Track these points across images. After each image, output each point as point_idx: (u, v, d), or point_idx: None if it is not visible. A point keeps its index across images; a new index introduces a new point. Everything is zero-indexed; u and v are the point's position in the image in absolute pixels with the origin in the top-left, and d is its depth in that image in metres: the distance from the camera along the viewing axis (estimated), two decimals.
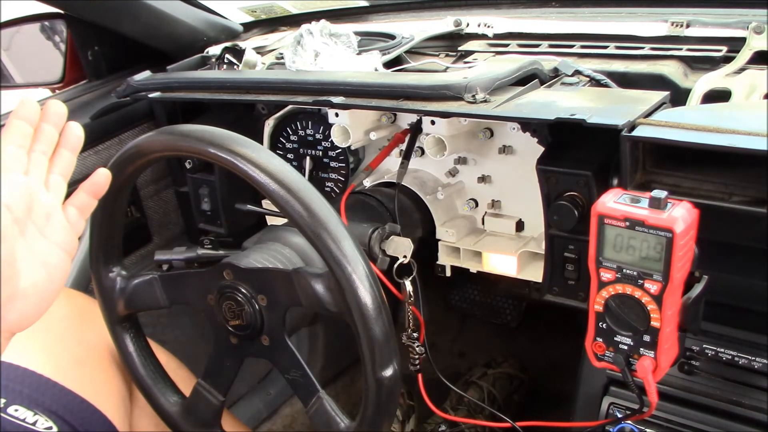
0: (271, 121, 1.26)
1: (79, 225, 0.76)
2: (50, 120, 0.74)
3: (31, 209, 0.70)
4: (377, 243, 1.00)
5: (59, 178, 0.74)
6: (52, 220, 0.72)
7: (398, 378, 0.77)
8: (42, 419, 0.88)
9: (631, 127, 0.78)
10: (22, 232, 0.69)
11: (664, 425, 0.89)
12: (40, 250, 0.70)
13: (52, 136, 0.74)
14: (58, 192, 0.74)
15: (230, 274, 0.86)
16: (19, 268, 0.67)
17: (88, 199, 0.77)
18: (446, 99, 0.90)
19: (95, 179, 0.77)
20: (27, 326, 0.70)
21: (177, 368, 1.10)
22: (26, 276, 0.68)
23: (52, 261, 0.71)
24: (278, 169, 0.76)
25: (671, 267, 0.68)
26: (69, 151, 0.76)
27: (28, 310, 0.69)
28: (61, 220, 0.73)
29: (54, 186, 0.73)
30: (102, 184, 0.77)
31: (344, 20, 1.39)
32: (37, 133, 0.73)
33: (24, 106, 0.72)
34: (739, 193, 0.76)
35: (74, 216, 0.75)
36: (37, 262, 0.70)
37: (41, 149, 0.73)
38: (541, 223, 0.92)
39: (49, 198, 0.72)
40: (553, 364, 1.70)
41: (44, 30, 1.45)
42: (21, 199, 0.68)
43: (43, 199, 0.71)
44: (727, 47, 1.00)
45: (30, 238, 0.70)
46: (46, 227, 0.71)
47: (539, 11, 1.24)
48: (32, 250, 0.70)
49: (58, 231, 0.72)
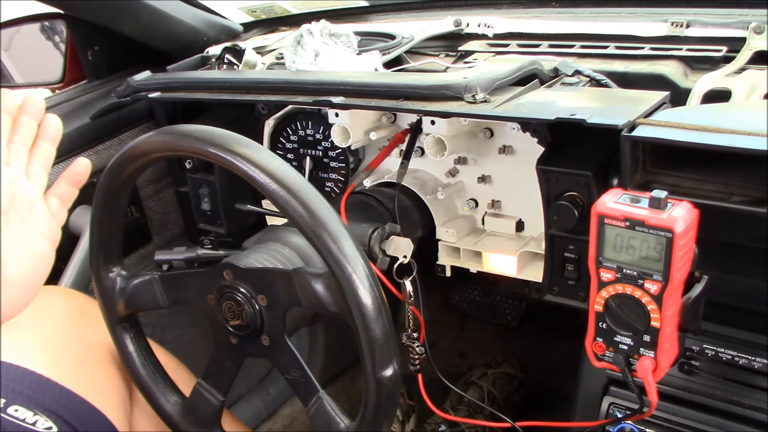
0: (271, 121, 1.26)
1: (60, 214, 0.76)
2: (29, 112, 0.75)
3: (14, 199, 0.71)
4: (377, 243, 1.00)
5: (40, 169, 0.75)
6: (35, 210, 0.73)
7: (398, 378, 0.77)
8: (42, 419, 0.88)
9: (631, 127, 0.78)
10: (6, 221, 0.70)
11: (664, 425, 0.89)
12: (24, 240, 0.71)
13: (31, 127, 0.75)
14: (39, 182, 0.75)
15: (230, 274, 0.86)
16: (4, 257, 0.68)
17: (68, 189, 0.77)
18: (446, 99, 0.90)
19: (75, 169, 0.78)
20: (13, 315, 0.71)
21: (177, 368, 1.10)
22: (11, 265, 0.69)
23: (37, 250, 0.72)
24: (278, 169, 0.76)
25: (671, 267, 0.68)
26: (48, 143, 0.76)
27: (14, 299, 0.70)
28: (43, 210, 0.74)
29: (35, 176, 0.74)
30: (82, 174, 0.78)
31: (344, 20, 1.39)
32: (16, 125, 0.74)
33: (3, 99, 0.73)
34: (739, 193, 0.75)
35: (56, 206, 0.76)
36: (22, 251, 0.71)
37: (21, 140, 0.74)
38: (541, 223, 0.92)
39: (31, 188, 0.73)
40: (553, 364, 1.70)
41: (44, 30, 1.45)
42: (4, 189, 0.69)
43: (24, 189, 0.72)
44: (727, 47, 1.00)
45: (13, 227, 0.70)
46: (29, 217, 0.72)
47: (539, 11, 1.24)
48: (16, 239, 0.70)
49: (40, 220, 0.73)
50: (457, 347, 1.87)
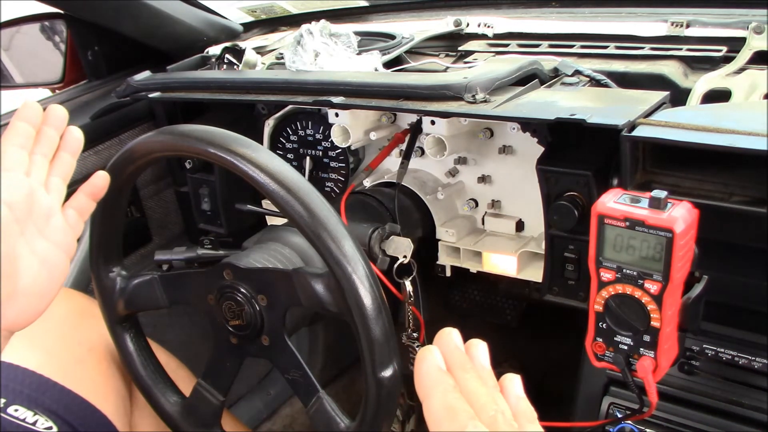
0: (271, 121, 1.26)
1: (78, 227, 0.76)
2: (52, 123, 0.75)
3: (32, 209, 0.70)
4: (377, 243, 1.00)
5: (59, 181, 0.75)
6: (52, 221, 0.73)
7: (398, 378, 0.77)
8: (42, 419, 0.88)
9: (631, 127, 0.78)
10: (23, 231, 0.69)
11: (664, 425, 0.89)
12: (40, 250, 0.71)
13: (53, 139, 0.75)
14: (57, 194, 0.75)
15: (230, 274, 0.86)
16: (19, 266, 0.68)
17: (87, 202, 0.77)
18: (446, 99, 0.90)
19: (94, 182, 0.78)
20: (25, 325, 0.71)
21: (177, 368, 1.10)
22: (26, 275, 0.69)
23: (52, 261, 0.72)
24: (278, 169, 0.76)
25: (671, 267, 0.67)
26: (69, 155, 0.77)
27: (27, 309, 0.70)
28: (60, 222, 0.74)
29: (54, 188, 0.74)
30: (101, 187, 0.78)
31: (344, 20, 1.39)
32: (39, 136, 0.74)
33: (26, 108, 0.73)
34: (739, 193, 0.75)
35: (73, 218, 0.76)
36: (37, 261, 0.70)
37: (42, 151, 0.74)
38: (541, 223, 0.92)
39: (49, 199, 0.73)
40: (553, 364, 1.70)
41: (44, 30, 1.45)
42: (22, 199, 0.69)
43: (43, 200, 0.72)
44: (727, 47, 1.00)
45: (30, 237, 0.70)
46: (46, 228, 0.72)
47: (539, 11, 1.24)
48: (32, 249, 0.70)
49: (57, 232, 0.73)
50: None
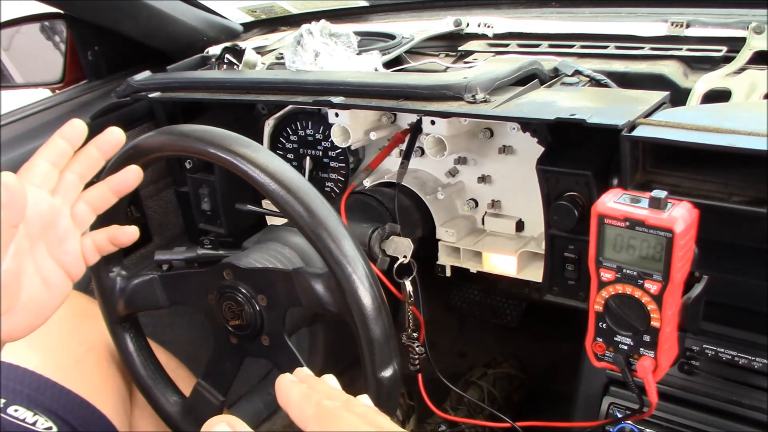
0: (271, 121, 1.26)
1: (92, 259, 0.74)
2: (102, 148, 0.71)
3: (48, 229, 0.69)
4: (377, 243, 1.00)
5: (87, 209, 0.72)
6: (66, 246, 0.70)
7: (398, 378, 0.77)
8: (42, 419, 0.88)
9: (631, 127, 0.78)
10: (32, 247, 0.68)
11: (664, 425, 0.89)
12: (44, 269, 0.69)
13: (96, 160, 0.71)
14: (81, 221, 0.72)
15: (230, 274, 0.86)
16: (22, 281, 0.67)
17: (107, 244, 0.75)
18: (446, 99, 0.90)
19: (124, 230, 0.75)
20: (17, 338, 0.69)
21: (177, 368, 1.10)
22: (27, 290, 0.68)
23: (54, 282, 0.70)
24: (278, 169, 0.76)
25: (671, 267, 0.67)
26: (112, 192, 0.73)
27: (22, 324, 0.69)
28: (75, 249, 0.71)
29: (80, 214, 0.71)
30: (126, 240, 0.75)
31: (344, 20, 1.39)
32: (79, 155, 0.71)
33: (69, 126, 0.70)
34: (739, 193, 0.75)
35: (90, 250, 0.73)
36: (40, 279, 0.69)
37: (78, 171, 0.71)
38: (541, 223, 0.92)
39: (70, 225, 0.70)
40: (553, 364, 1.70)
41: (44, 30, 1.45)
42: (38, 215, 0.67)
43: (63, 222, 0.70)
44: (727, 47, 1.00)
45: (38, 255, 0.69)
46: (57, 249, 0.70)
47: (539, 11, 1.24)
48: (38, 267, 0.69)
49: (68, 257, 0.71)
50: (457, 347, 1.87)
